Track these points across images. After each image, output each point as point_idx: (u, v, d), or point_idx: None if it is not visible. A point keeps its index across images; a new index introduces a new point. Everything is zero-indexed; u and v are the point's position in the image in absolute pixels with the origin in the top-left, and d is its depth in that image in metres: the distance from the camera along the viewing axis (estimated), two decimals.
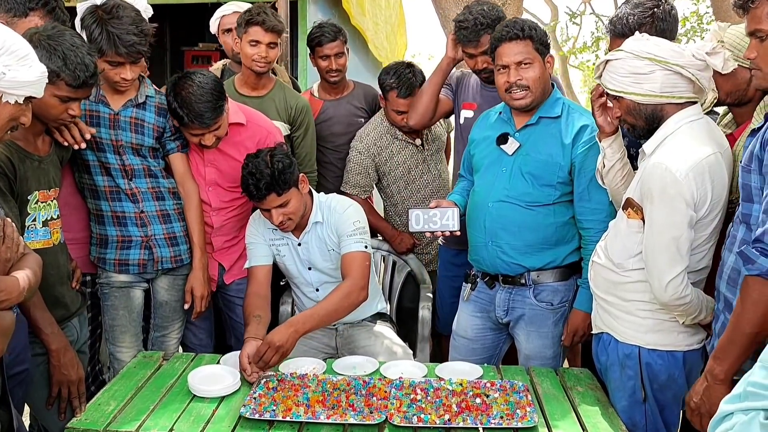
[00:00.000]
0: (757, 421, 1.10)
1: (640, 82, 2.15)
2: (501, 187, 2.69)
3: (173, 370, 2.54)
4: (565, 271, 2.71)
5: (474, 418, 2.14)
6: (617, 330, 2.27)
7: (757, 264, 1.74)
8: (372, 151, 3.50)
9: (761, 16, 1.83)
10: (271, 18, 3.23)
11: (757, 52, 1.88)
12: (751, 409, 1.13)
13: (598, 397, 2.38)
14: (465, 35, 3.05)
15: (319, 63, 3.59)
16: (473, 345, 2.86)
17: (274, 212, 2.70)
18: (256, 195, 2.66)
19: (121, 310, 2.80)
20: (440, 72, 3.28)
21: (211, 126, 2.75)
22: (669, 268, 2.06)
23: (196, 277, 2.87)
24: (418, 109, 3.32)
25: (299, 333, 2.50)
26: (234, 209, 3.05)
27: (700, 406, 1.93)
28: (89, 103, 2.64)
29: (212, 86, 2.72)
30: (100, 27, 2.49)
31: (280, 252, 2.91)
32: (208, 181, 2.97)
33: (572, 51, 15.00)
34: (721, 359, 1.87)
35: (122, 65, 2.55)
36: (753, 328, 1.79)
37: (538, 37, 2.58)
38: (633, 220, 2.20)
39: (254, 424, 2.13)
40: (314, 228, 2.86)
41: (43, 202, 2.30)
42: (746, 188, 1.88)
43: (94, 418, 2.17)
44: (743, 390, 1.16)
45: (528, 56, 2.57)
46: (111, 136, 2.67)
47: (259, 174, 2.63)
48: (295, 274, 2.95)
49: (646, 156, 2.18)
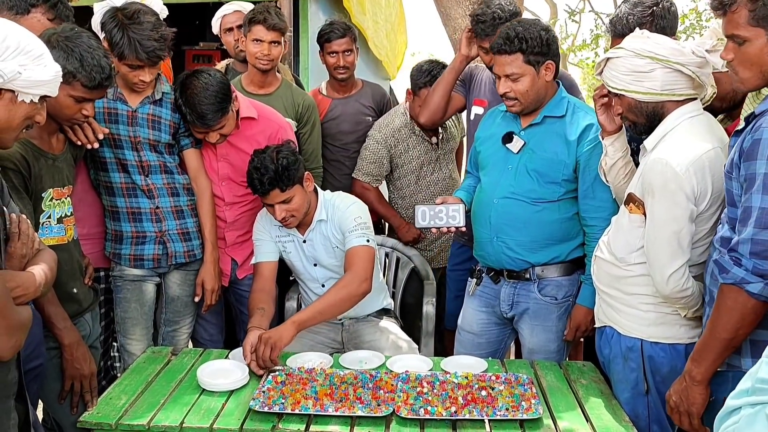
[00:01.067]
0: (764, 413, 1.13)
1: (641, 80, 2.18)
2: (507, 183, 2.72)
3: (182, 365, 2.58)
4: (570, 266, 2.74)
5: (480, 410, 2.17)
6: (620, 323, 2.31)
7: (731, 273, 1.81)
8: (389, 142, 3.55)
9: (739, 21, 1.85)
10: (273, 17, 3.28)
11: (735, 56, 1.90)
12: (758, 404, 1.16)
13: (601, 389, 2.42)
14: (483, 29, 3.09)
15: (328, 59, 3.63)
16: (478, 339, 2.90)
17: (277, 208, 2.75)
18: (260, 189, 2.71)
19: (133, 303, 2.85)
20: (453, 70, 3.32)
21: (213, 126, 2.80)
22: (670, 261, 2.10)
23: (207, 270, 2.91)
24: (429, 107, 3.37)
25: (296, 325, 2.56)
26: (247, 204, 3.09)
27: (679, 405, 2.00)
28: (107, 101, 2.69)
29: (217, 88, 2.75)
30: (121, 32, 2.54)
31: (286, 248, 2.95)
32: (221, 175, 3.02)
33: (571, 48, 15.03)
34: (698, 362, 1.94)
35: (141, 68, 2.61)
36: (728, 333, 1.85)
37: (530, 48, 2.55)
38: (635, 215, 2.23)
39: (264, 417, 2.17)
40: (319, 225, 2.89)
41: (57, 200, 2.34)
42: (729, 193, 1.92)
43: (105, 411, 2.21)
44: (751, 386, 1.19)
45: (516, 71, 2.58)
46: (129, 133, 2.73)
47: (263, 169, 2.67)
48: (301, 271, 2.99)
49: (647, 152, 2.22)
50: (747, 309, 1.81)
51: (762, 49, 1.84)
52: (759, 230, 1.77)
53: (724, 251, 1.86)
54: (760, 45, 1.84)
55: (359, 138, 3.64)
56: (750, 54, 1.86)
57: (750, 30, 1.84)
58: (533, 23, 2.64)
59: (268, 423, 2.15)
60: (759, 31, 1.83)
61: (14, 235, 1.75)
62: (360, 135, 3.63)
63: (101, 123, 2.67)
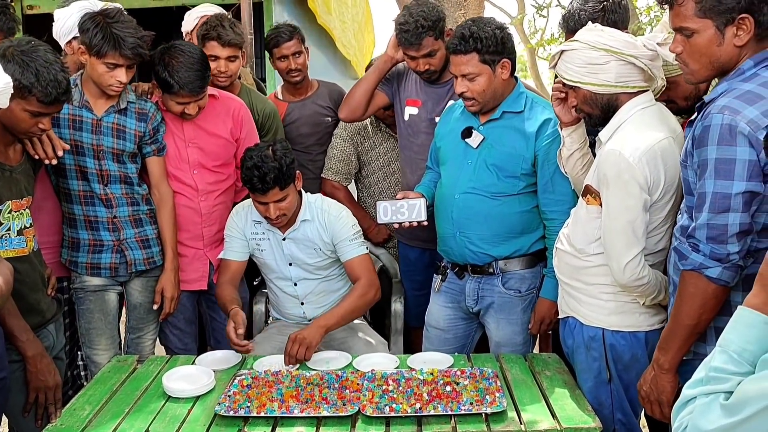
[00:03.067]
0: (718, 402, 1.16)
1: (596, 72, 2.20)
2: (467, 178, 2.73)
3: (148, 373, 2.56)
4: (532, 259, 2.77)
5: (444, 405, 2.19)
6: (581, 313, 2.33)
7: (690, 259, 1.84)
8: (355, 140, 3.55)
9: (686, 14, 1.87)
10: (228, 32, 3.13)
11: (683, 48, 1.92)
12: (712, 393, 1.18)
13: (565, 380, 2.44)
14: (406, 38, 2.97)
15: (279, 65, 3.57)
16: (446, 335, 2.91)
17: (272, 206, 2.70)
18: (261, 188, 2.64)
19: (96, 314, 2.82)
20: (377, 71, 3.23)
21: (199, 94, 2.80)
22: (626, 250, 2.12)
23: (168, 278, 2.89)
24: (350, 103, 3.28)
25: (324, 329, 2.63)
26: (221, 194, 3.06)
27: (650, 394, 2.03)
28: (72, 108, 2.68)
29: (200, 55, 2.81)
30: (104, 29, 2.54)
31: (260, 246, 2.92)
32: (192, 163, 2.98)
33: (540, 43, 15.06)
34: (664, 350, 1.97)
35: (120, 67, 2.60)
36: (691, 320, 1.88)
37: (485, 48, 2.57)
38: (592, 206, 2.26)
39: (229, 422, 2.16)
40: (302, 225, 2.86)
41: (16, 211, 2.31)
42: (686, 183, 1.95)
43: (69, 423, 2.20)
44: (705, 375, 1.22)
45: (472, 70, 2.59)
46: (93, 141, 2.71)
47: (265, 167, 2.61)
48: (274, 269, 2.95)
49: (602, 143, 2.25)
50: (708, 294, 1.84)
51: (710, 40, 1.86)
52: (714, 215, 1.79)
53: (683, 239, 1.89)
54: (709, 36, 1.86)
55: (320, 140, 3.62)
56: (699, 45, 1.88)
57: (698, 22, 1.86)
58: (488, 22, 2.65)
59: (234, 427, 2.14)
60: (707, 23, 1.85)
61: None
62: (320, 137, 3.62)
63: (65, 130, 2.66)
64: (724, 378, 1.19)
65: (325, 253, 2.88)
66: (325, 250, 2.87)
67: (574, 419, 2.16)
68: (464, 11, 6.82)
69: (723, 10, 1.83)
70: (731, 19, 1.83)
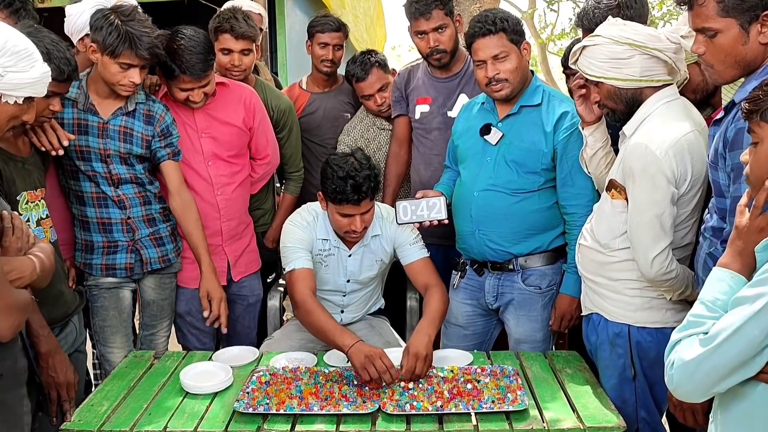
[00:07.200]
0: (696, 339, 1.45)
1: (620, 67, 2.17)
2: (486, 176, 2.70)
3: (165, 369, 2.54)
4: (552, 255, 2.73)
5: (466, 403, 2.16)
6: (606, 309, 2.30)
7: None
8: (360, 144, 3.50)
9: (707, 14, 1.82)
10: (241, 24, 3.05)
11: (706, 49, 1.87)
12: (692, 334, 1.47)
13: (586, 378, 2.41)
14: (417, 8, 2.99)
15: (316, 50, 3.51)
16: (464, 332, 2.89)
17: (359, 218, 2.57)
18: (356, 199, 2.50)
19: (111, 311, 2.78)
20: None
21: (202, 78, 2.74)
22: (653, 244, 2.09)
23: (209, 280, 2.84)
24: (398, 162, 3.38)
25: (431, 339, 2.45)
26: (237, 186, 3.01)
27: (683, 402, 1.92)
28: (77, 111, 2.61)
29: (203, 39, 2.73)
30: (119, 28, 2.46)
31: (324, 262, 2.78)
32: (206, 154, 2.93)
33: (551, 38, 15.01)
34: None
35: (134, 68, 2.52)
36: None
37: (510, 27, 2.56)
38: (617, 200, 2.22)
39: (248, 419, 2.14)
40: (372, 241, 2.77)
41: (32, 203, 2.30)
42: (716, 184, 1.90)
43: (87, 419, 2.17)
44: (687, 321, 1.52)
45: (503, 49, 2.56)
46: (99, 145, 2.63)
47: (359, 177, 2.49)
48: (328, 282, 2.83)
49: (627, 137, 2.21)
50: None
51: (735, 39, 1.82)
52: None
53: (716, 242, 1.85)
54: (733, 35, 1.82)
55: (336, 133, 3.59)
56: (723, 46, 1.84)
57: (720, 21, 1.82)
58: (501, 9, 2.68)
59: (254, 424, 2.12)
60: (730, 21, 1.81)
61: (8, 230, 1.77)
62: (337, 130, 3.58)
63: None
64: (701, 322, 1.48)
65: (384, 263, 2.83)
66: (386, 260, 2.83)
67: (598, 418, 2.13)
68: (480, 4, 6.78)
69: (746, 8, 1.79)
70: (755, 16, 1.79)
